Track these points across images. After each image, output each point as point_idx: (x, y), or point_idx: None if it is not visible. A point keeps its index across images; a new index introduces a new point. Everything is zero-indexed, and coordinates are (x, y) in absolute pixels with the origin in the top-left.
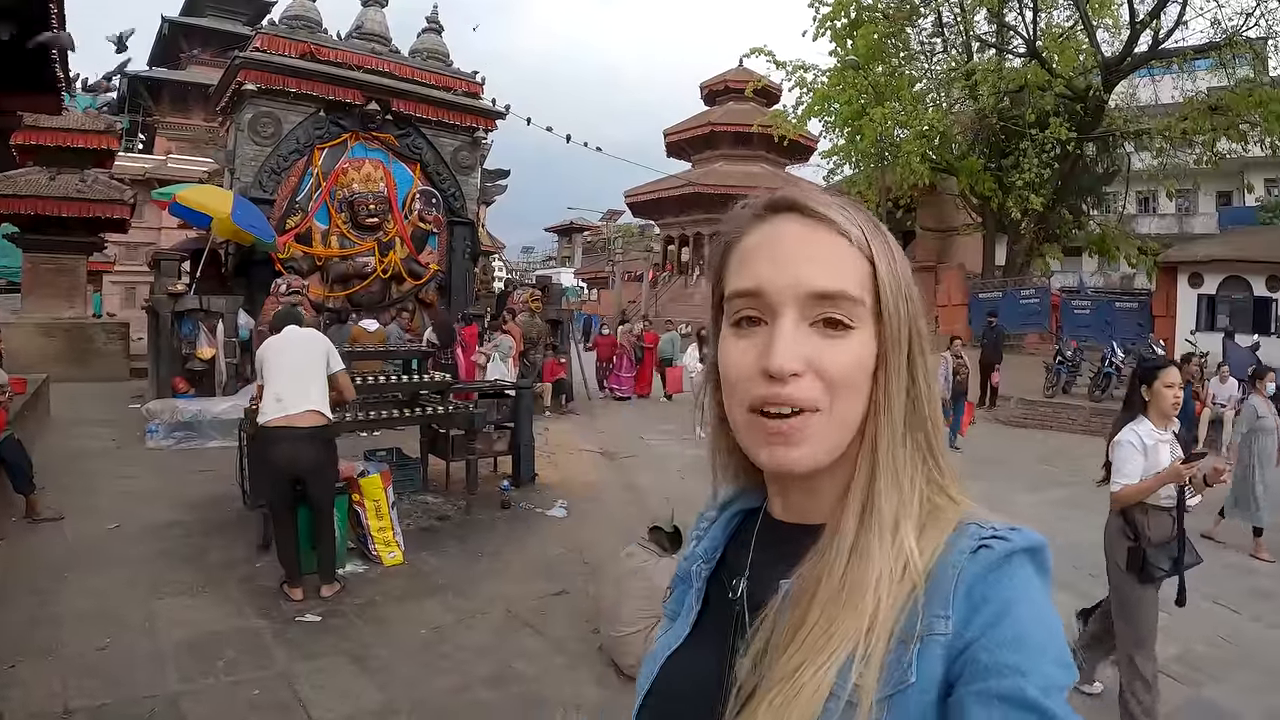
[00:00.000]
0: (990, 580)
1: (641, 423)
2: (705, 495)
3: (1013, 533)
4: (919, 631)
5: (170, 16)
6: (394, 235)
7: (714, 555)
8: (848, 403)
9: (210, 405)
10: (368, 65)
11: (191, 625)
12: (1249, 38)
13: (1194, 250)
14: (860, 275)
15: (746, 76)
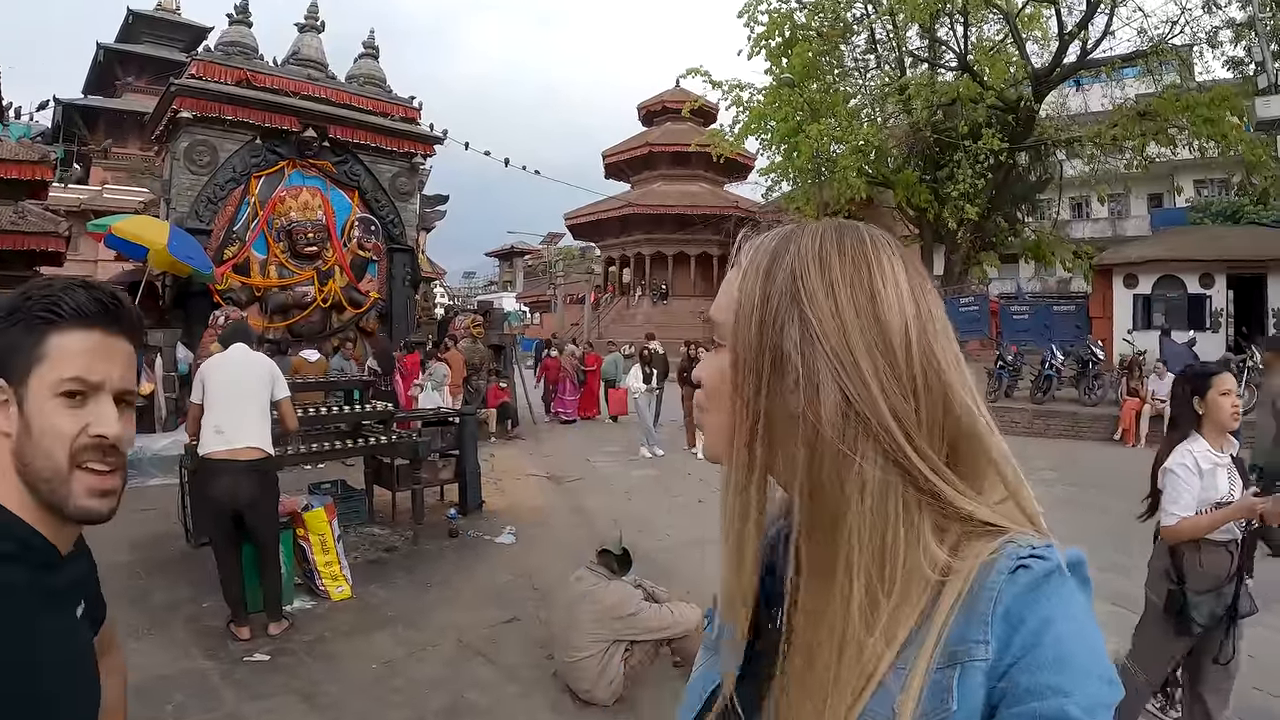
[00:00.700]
0: (1029, 600)
1: (587, 445)
2: (654, 515)
3: (1050, 550)
4: (959, 658)
5: (106, 43)
6: (333, 264)
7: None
8: (714, 408)
9: (150, 442)
10: (304, 91)
11: (138, 669)
12: (1174, 45)
13: (1128, 252)
14: (727, 299)
15: (683, 97)
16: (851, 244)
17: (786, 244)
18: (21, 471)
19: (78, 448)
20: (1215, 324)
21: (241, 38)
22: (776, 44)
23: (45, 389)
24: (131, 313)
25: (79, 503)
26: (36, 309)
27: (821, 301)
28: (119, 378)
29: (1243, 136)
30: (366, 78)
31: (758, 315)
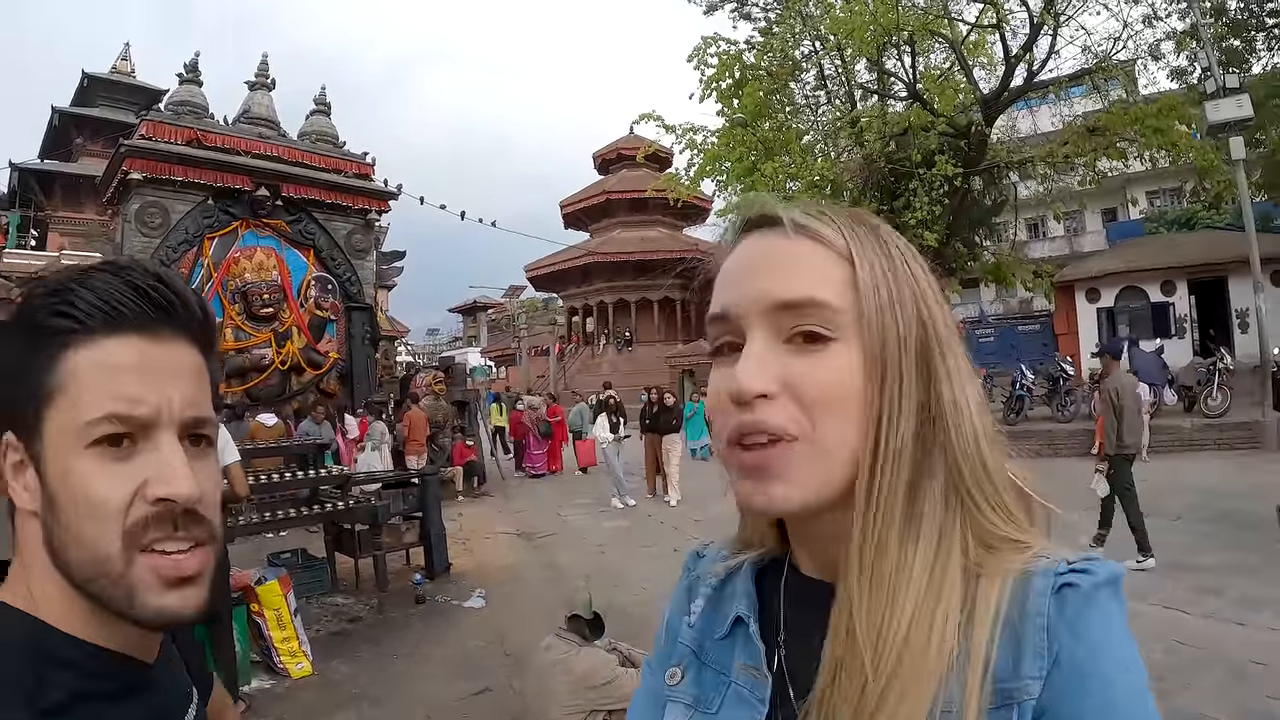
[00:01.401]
0: (1076, 629)
1: (558, 499)
2: (628, 567)
3: (1092, 564)
4: (1015, 697)
5: (60, 107)
6: (290, 324)
7: (757, 613)
8: (834, 428)
9: None
10: (256, 150)
11: None
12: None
13: (1088, 266)
14: (838, 280)
15: (637, 143)
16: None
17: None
18: (60, 569)
19: (133, 524)
20: (1180, 330)
21: (191, 97)
22: (727, 85)
23: (69, 439)
24: (189, 299)
25: (148, 602)
26: (37, 313)
27: (934, 300)
28: (181, 402)
29: (1192, 144)
30: (319, 134)
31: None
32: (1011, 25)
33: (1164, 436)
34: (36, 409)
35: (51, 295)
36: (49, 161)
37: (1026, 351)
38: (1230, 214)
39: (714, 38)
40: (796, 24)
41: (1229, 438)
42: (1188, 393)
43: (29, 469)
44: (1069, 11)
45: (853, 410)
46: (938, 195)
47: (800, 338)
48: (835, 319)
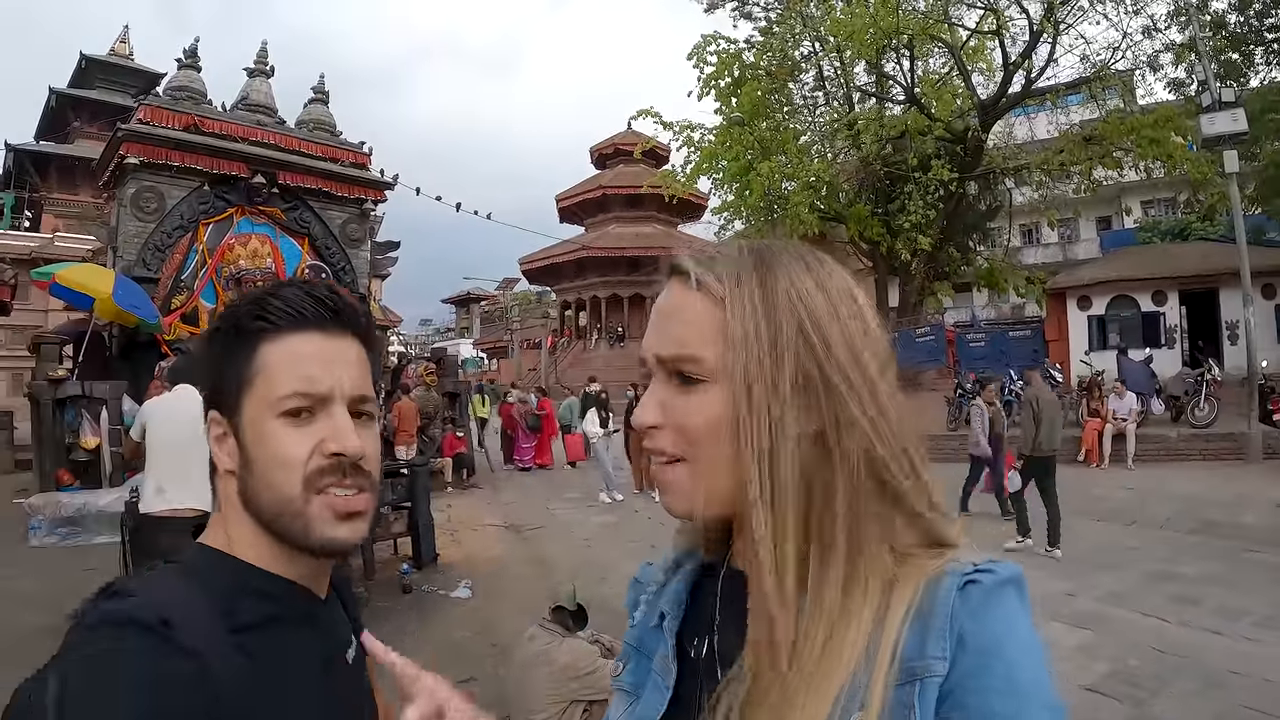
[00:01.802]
0: (979, 617)
1: (546, 492)
2: (614, 561)
3: (995, 564)
4: (918, 673)
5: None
6: None
7: (680, 611)
8: (708, 453)
9: (95, 498)
10: (253, 137)
11: None
12: (1117, 70)
13: (1080, 274)
14: (710, 329)
15: (635, 139)
16: (830, 265)
17: (767, 262)
18: (252, 513)
19: (312, 471)
20: (1170, 340)
21: (190, 82)
22: (726, 84)
23: (263, 411)
24: (355, 308)
25: (321, 532)
26: (241, 319)
27: (827, 322)
28: (350, 383)
29: (1187, 155)
30: (316, 123)
31: (767, 339)
32: (1011, 32)
33: (1150, 445)
34: (239, 390)
35: (251, 304)
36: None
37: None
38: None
39: (714, 36)
40: (797, 24)
41: (1215, 448)
42: (1175, 403)
43: (230, 438)
44: (1069, 20)
45: (725, 439)
46: (933, 199)
47: (678, 378)
48: (703, 366)
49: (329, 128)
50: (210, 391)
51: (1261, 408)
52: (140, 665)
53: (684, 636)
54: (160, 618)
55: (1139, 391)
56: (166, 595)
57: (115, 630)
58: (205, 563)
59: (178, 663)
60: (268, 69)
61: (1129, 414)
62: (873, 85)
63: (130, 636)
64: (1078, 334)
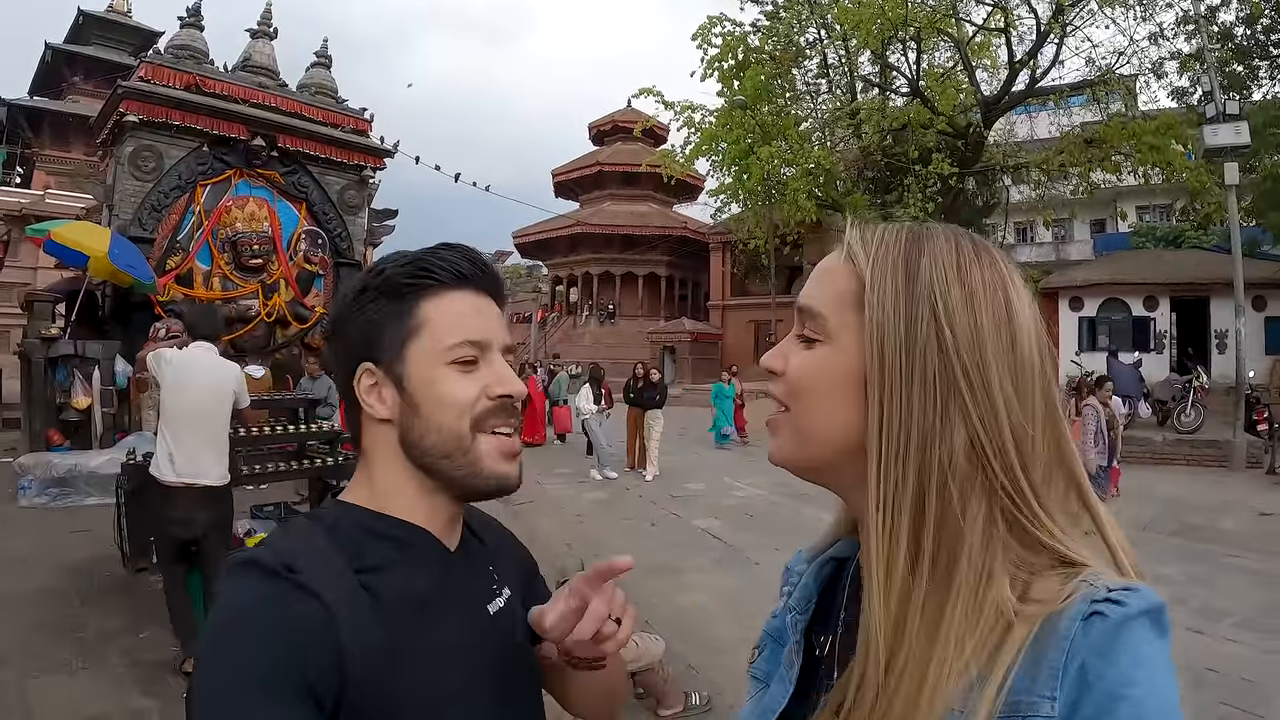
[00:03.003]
0: (1106, 655)
1: (537, 467)
2: (607, 538)
3: (1129, 594)
4: (1021, 709)
5: (54, 44)
6: (278, 277)
7: (808, 606)
8: (807, 412)
9: (86, 459)
10: (254, 99)
11: (71, 708)
12: (1122, 75)
13: (1073, 275)
14: (842, 294)
15: (635, 117)
16: (987, 258)
17: (919, 244)
18: (414, 455)
19: (480, 413)
20: (1160, 345)
21: (192, 41)
22: (729, 66)
23: (431, 359)
24: (495, 270)
25: (490, 469)
26: (402, 276)
27: (961, 312)
28: (501, 336)
29: (1186, 164)
30: (318, 87)
31: (902, 318)
32: (1018, 30)
33: (1135, 448)
34: (402, 342)
35: (410, 265)
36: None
37: None
38: (1218, 236)
39: (720, 17)
40: (804, 10)
41: (1199, 454)
42: (1162, 407)
43: (384, 387)
44: (1077, 22)
45: (822, 401)
46: (931, 193)
47: (800, 337)
48: (821, 325)
49: (331, 93)
50: (359, 344)
51: (1247, 417)
52: (263, 606)
53: (814, 631)
54: (283, 562)
55: (1127, 395)
56: (293, 542)
57: (241, 572)
58: (337, 515)
59: (300, 601)
60: (271, 31)
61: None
62: (877, 75)
63: (253, 578)
64: (1068, 335)
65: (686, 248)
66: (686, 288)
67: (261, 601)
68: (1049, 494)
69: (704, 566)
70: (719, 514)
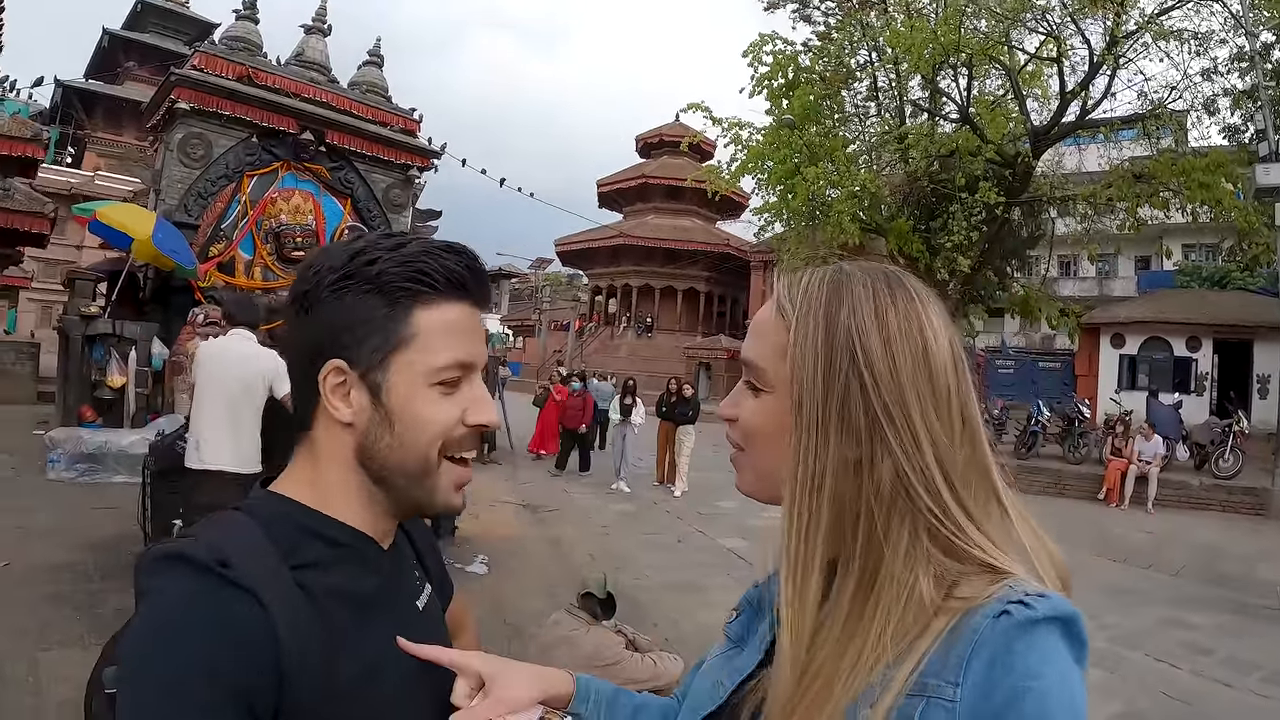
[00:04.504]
0: (1013, 653)
1: (564, 476)
2: (631, 551)
3: (1040, 600)
4: (927, 690)
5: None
6: None
7: None
8: (760, 452)
9: (117, 437)
10: (305, 94)
11: (79, 682)
12: (1173, 110)
13: (1116, 312)
14: (775, 346)
15: (682, 131)
16: (903, 298)
17: (839, 293)
18: (371, 467)
19: (453, 439)
20: (1200, 388)
21: (247, 33)
22: (779, 85)
23: (416, 377)
24: (487, 277)
25: (444, 498)
26: (396, 277)
27: (879, 357)
28: (483, 354)
29: (1236, 203)
30: (369, 86)
31: (820, 368)
32: (1071, 61)
33: (1171, 491)
34: (384, 349)
35: (403, 264)
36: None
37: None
38: (1265, 278)
39: (772, 35)
40: (856, 32)
41: (1235, 501)
42: (1200, 450)
43: (355, 391)
44: (1130, 55)
45: (771, 444)
46: (976, 221)
47: (746, 385)
48: (763, 377)
49: (381, 91)
50: (332, 336)
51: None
52: (193, 604)
53: None
54: (217, 557)
55: (1166, 436)
56: (225, 535)
57: (168, 567)
58: (272, 509)
59: (233, 599)
60: (325, 28)
61: (1154, 457)
62: (926, 100)
63: (183, 574)
64: (1108, 372)
65: (727, 265)
66: (725, 305)
67: (191, 599)
68: (975, 506)
69: (728, 585)
70: (747, 534)
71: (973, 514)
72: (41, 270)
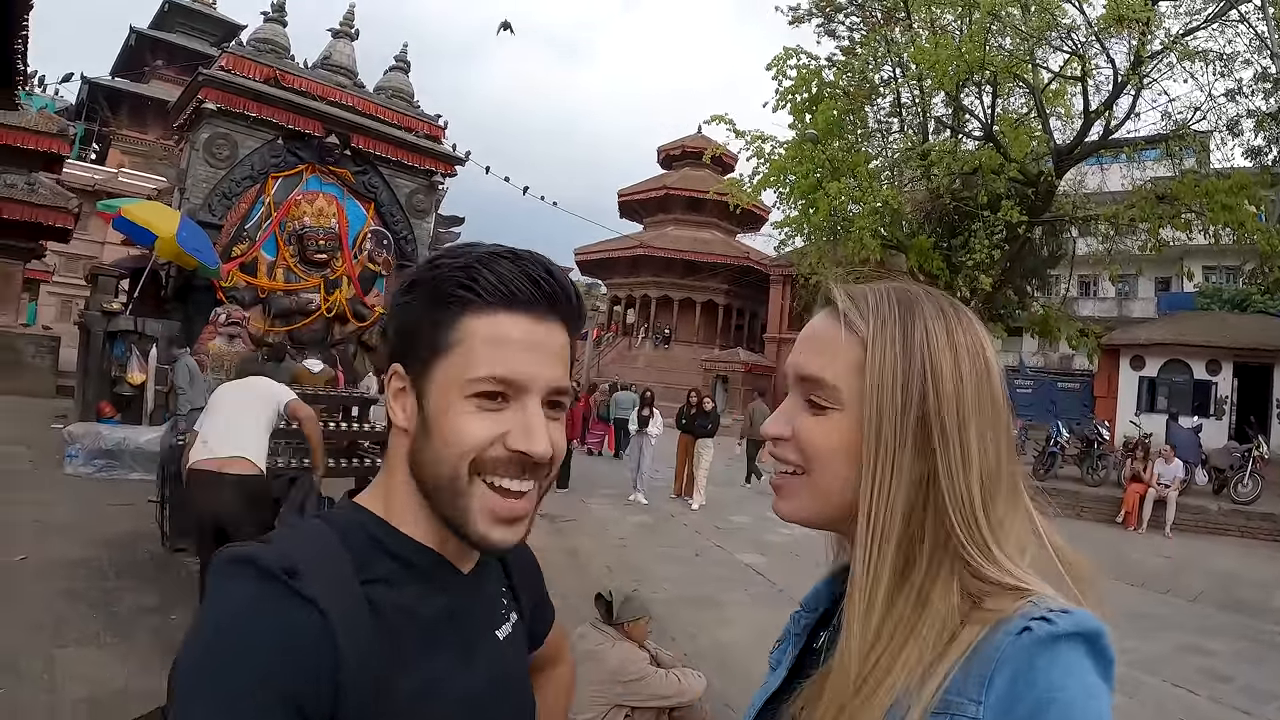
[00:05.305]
0: (1035, 670)
1: (583, 485)
2: (648, 565)
3: (1063, 615)
4: (950, 709)
5: (139, 28)
6: (341, 274)
7: (816, 607)
8: (824, 473)
9: (135, 434)
10: (331, 97)
11: (94, 680)
12: (1197, 130)
13: (1136, 333)
14: (848, 362)
15: (704, 143)
16: (965, 320)
17: (912, 312)
18: (418, 476)
19: (486, 460)
20: (1220, 411)
21: (274, 36)
22: (803, 99)
23: (453, 386)
24: (570, 291)
25: (477, 528)
26: (447, 282)
27: (949, 377)
28: (549, 376)
29: (1258, 226)
30: (394, 91)
31: (900, 387)
32: (1095, 80)
33: (1189, 515)
34: (432, 355)
35: (460, 270)
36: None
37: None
38: None
39: (796, 49)
40: (880, 48)
41: (1254, 527)
42: (1219, 475)
43: (410, 396)
44: (1154, 75)
45: (841, 464)
46: (998, 239)
47: (809, 403)
48: (835, 395)
49: (406, 97)
50: (397, 341)
51: None
52: (254, 613)
53: (819, 630)
54: (284, 565)
55: (1186, 459)
56: (299, 543)
57: (236, 570)
58: (348, 518)
59: (296, 609)
60: (352, 32)
61: (1173, 480)
62: (949, 117)
63: (249, 579)
64: (1128, 394)
65: (747, 278)
66: (744, 318)
67: (253, 607)
68: (1008, 528)
69: (745, 601)
70: (764, 550)
71: (1001, 539)
72: (63, 265)
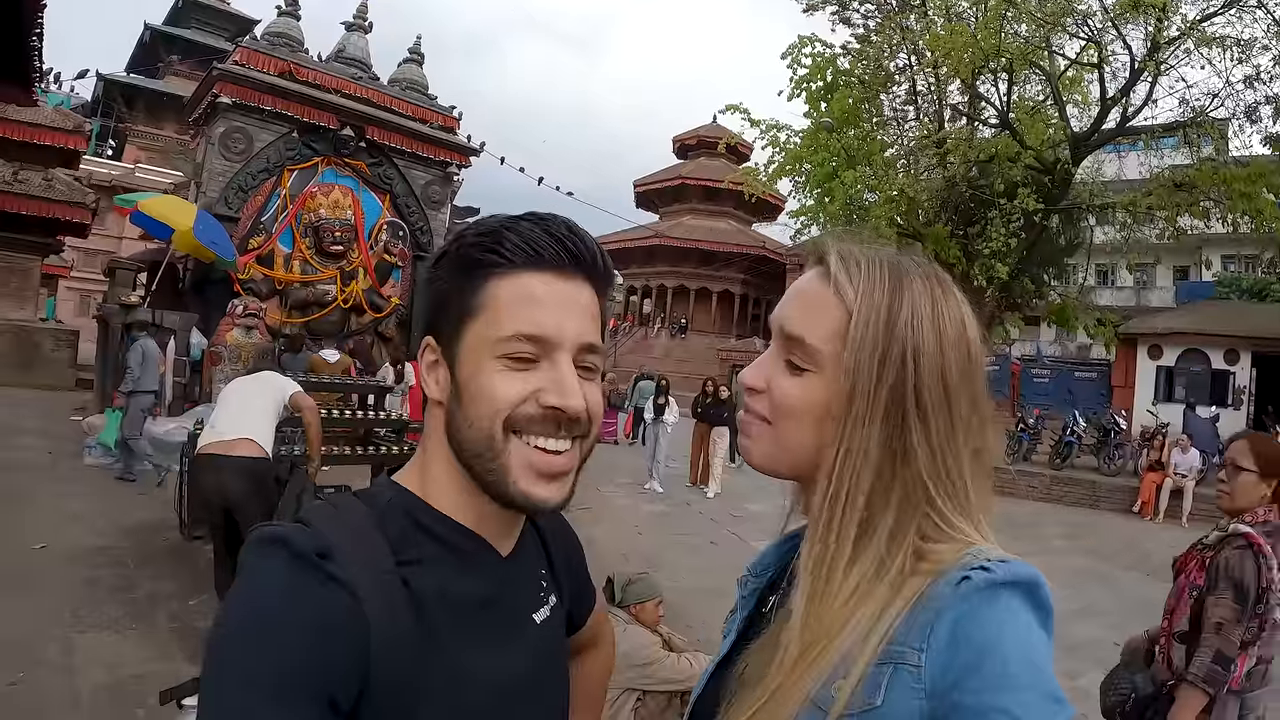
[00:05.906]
0: (975, 617)
1: (598, 472)
2: (662, 553)
3: (1001, 565)
4: (894, 658)
5: (154, 24)
6: (357, 265)
7: (764, 573)
8: (789, 430)
9: (153, 425)
10: (346, 90)
11: (113, 666)
12: (1215, 118)
13: (1154, 323)
14: (831, 326)
15: (719, 132)
16: (952, 297)
17: (899, 284)
18: (455, 447)
19: (519, 416)
20: (1238, 401)
21: (289, 29)
22: (818, 87)
23: (483, 348)
24: (595, 250)
25: (518, 485)
26: (472, 248)
27: (931, 353)
28: (576, 331)
29: (1277, 214)
30: (409, 83)
31: (879, 357)
32: (1112, 67)
33: (1206, 504)
34: (460, 321)
35: (484, 235)
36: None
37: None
38: None
39: (811, 38)
40: (895, 35)
41: None
42: None
43: (442, 367)
44: (1172, 61)
45: (808, 427)
46: (1014, 228)
47: (788, 363)
48: (814, 357)
49: (421, 88)
50: (429, 316)
51: None
52: (286, 597)
53: (767, 595)
54: (317, 546)
55: (1203, 449)
56: (334, 523)
57: (270, 550)
58: (388, 496)
59: (329, 594)
60: (366, 24)
61: (1190, 470)
62: (965, 105)
63: (281, 559)
64: (1145, 383)
65: (763, 267)
66: (760, 308)
67: (285, 592)
68: (976, 507)
69: None
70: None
71: (968, 515)
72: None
